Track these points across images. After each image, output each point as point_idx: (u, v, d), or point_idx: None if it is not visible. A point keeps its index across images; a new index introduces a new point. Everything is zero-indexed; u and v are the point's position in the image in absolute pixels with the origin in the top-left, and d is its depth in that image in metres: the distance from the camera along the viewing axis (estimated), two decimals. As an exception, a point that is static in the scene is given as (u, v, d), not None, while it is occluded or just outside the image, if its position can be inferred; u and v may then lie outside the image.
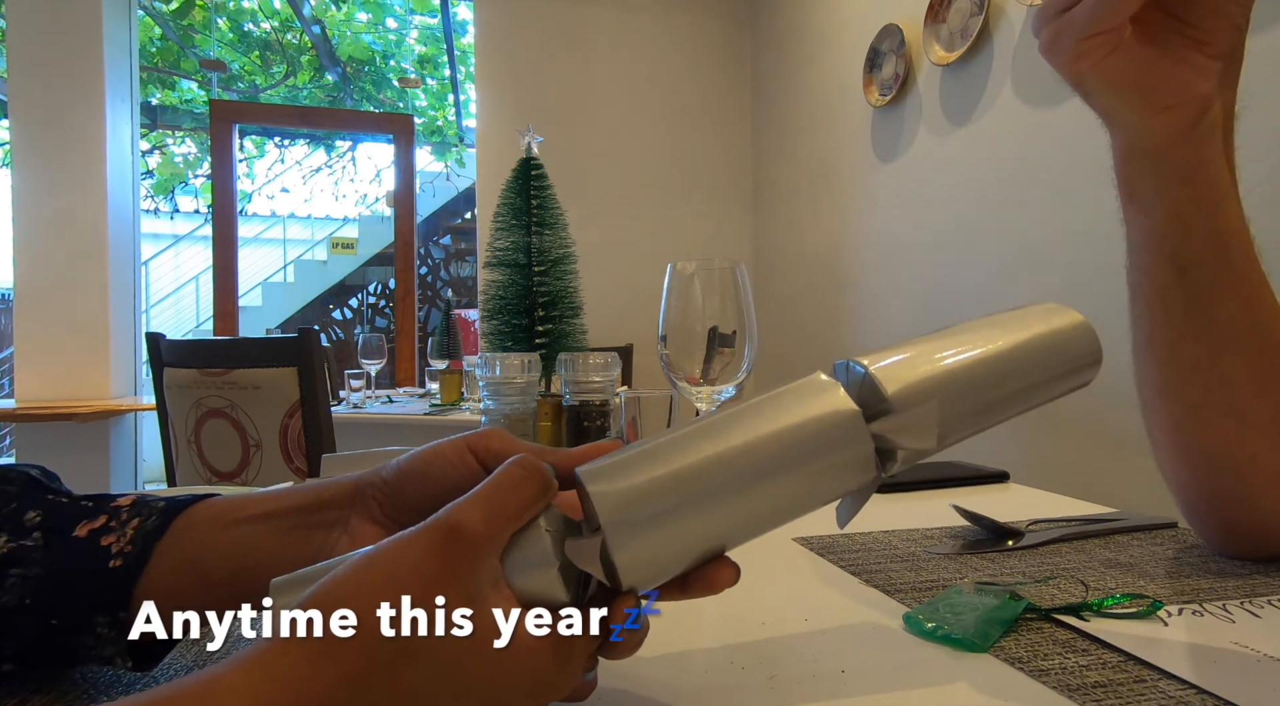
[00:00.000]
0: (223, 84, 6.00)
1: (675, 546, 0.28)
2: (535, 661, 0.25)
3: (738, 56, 3.22)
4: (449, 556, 0.25)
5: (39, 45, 2.70)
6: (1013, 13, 1.70)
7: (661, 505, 0.27)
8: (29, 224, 2.71)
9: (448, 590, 0.24)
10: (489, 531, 0.26)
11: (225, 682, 0.21)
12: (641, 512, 0.27)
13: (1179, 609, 0.41)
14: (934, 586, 0.46)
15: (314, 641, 0.22)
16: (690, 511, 0.27)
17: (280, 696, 0.21)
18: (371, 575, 0.24)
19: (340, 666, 0.22)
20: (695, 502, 0.27)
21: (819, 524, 0.62)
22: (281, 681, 0.22)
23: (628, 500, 0.27)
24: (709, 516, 0.28)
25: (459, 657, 0.24)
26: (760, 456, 0.28)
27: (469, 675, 0.24)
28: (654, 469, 0.27)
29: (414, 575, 0.24)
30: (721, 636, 0.40)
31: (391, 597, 0.23)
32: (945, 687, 0.33)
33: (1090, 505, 0.68)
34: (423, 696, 0.24)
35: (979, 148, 1.84)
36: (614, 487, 0.27)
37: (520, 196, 0.97)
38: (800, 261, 2.83)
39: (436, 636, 0.23)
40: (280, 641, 0.22)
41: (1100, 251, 1.46)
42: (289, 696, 0.22)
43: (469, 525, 0.25)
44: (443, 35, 6.51)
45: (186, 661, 0.36)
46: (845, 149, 2.46)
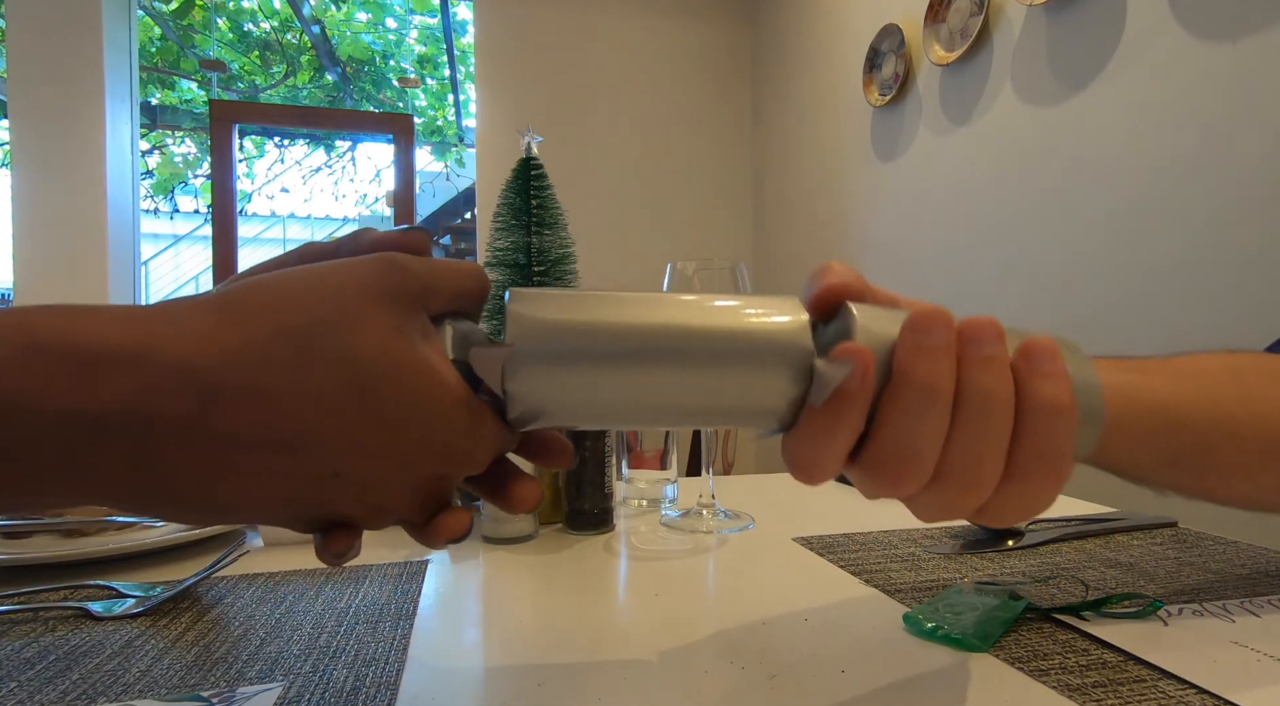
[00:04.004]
0: (223, 84, 5.99)
1: (572, 395, 0.26)
2: (448, 411, 0.25)
3: (738, 56, 3.21)
4: (390, 282, 0.25)
5: (39, 45, 2.69)
6: (1013, 13, 1.70)
7: (573, 348, 0.26)
8: (29, 224, 2.71)
9: (385, 310, 0.24)
10: (428, 278, 0.26)
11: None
12: (551, 347, 0.26)
13: (1179, 609, 0.41)
14: (934, 586, 0.46)
15: (249, 312, 0.23)
16: (598, 366, 0.26)
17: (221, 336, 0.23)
18: (318, 274, 0.25)
19: (260, 329, 0.23)
20: (606, 359, 0.26)
21: (819, 524, 0.62)
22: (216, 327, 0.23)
23: (542, 330, 0.26)
24: (614, 379, 0.26)
25: (381, 371, 0.24)
26: (692, 337, 0.26)
27: (381, 387, 0.24)
28: (583, 313, 0.26)
29: (359, 283, 0.24)
30: (721, 636, 0.40)
31: (336, 299, 0.24)
32: (945, 687, 0.33)
33: (1090, 505, 0.68)
34: (330, 395, 0.23)
35: (979, 147, 1.84)
36: (534, 313, 0.26)
37: (520, 196, 0.97)
38: (800, 261, 2.83)
39: (371, 344, 0.24)
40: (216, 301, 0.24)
41: (1100, 251, 1.46)
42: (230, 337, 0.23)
43: (411, 263, 0.26)
44: (443, 35, 6.51)
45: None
46: (845, 149, 2.46)
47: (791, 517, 0.65)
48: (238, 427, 0.22)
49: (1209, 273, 1.24)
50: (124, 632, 0.40)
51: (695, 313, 0.27)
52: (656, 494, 0.70)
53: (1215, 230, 1.24)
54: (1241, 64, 1.19)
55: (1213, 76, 1.23)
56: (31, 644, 0.38)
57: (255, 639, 0.39)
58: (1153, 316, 1.34)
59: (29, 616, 0.42)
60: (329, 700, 0.32)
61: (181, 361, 0.22)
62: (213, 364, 0.22)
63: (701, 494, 0.64)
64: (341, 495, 0.25)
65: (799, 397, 0.27)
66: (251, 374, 0.22)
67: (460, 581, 0.50)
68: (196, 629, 0.40)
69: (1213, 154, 1.23)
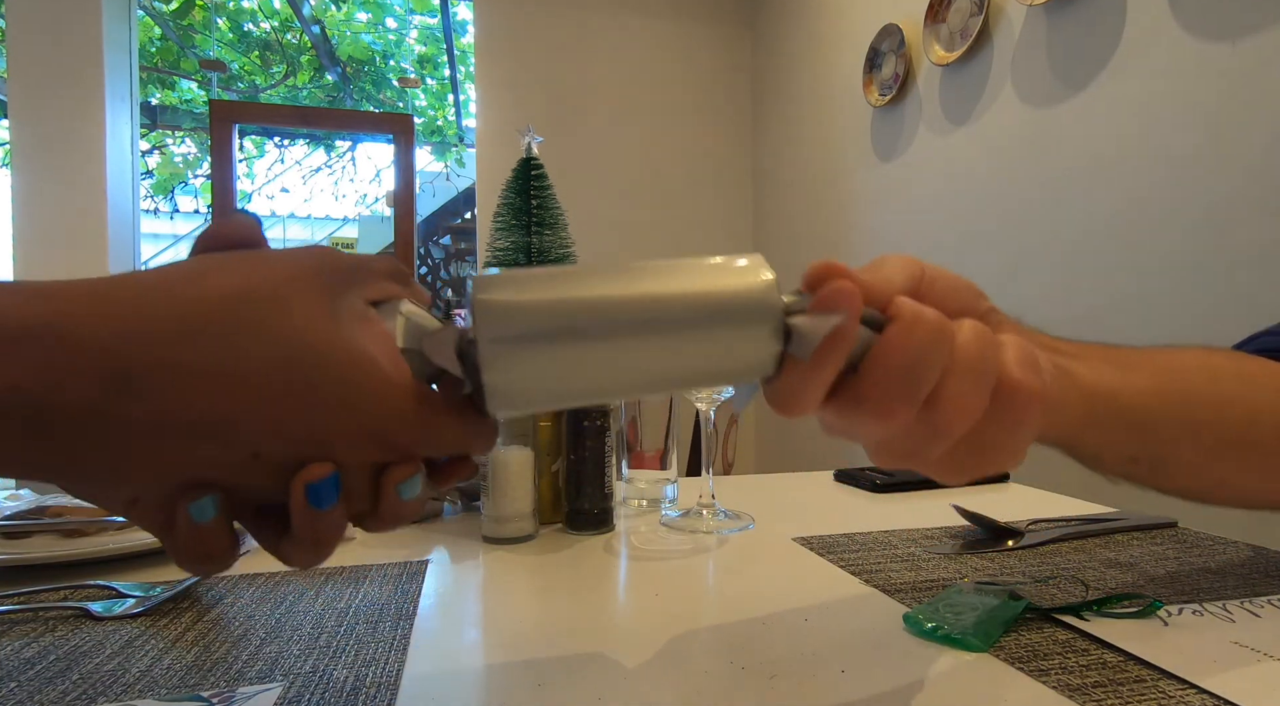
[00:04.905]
0: (223, 84, 5.99)
1: (547, 376, 0.26)
2: (382, 396, 0.24)
3: (737, 56, 3.21)
4: (322, 265, 0.25)
5: (39, 45, 2.69)
6: (1013, 13, 1.70)
7: (544, 327, 0.25)
8: (29, 224, 2.71)
9: (317, 291, 0.24)
10: (359, 261, 0.26)
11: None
12: (520, 330, 0.25)
13: (1179, 609, 0.41)
14: (934, 586, 0.46)
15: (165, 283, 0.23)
16: (567, 344, 0.25)
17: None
18: (247, 256, 0.24)
19: (184, 306, 0.22)
20: (576, 335, 0.25)
21: (819, 524, 0.62)
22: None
23: (508, 313, 0.25)
24: (585, 355, 0.26)
25: (310, 352, 0.23)
26: (664, 305, 0.26)
27: (309, 368, 0.23)
28: (549, 291, 0.26)
29: (291, 265, 0.24)
30: (721, 636, 0.40)
31: (263, 276, 0.23)
32: (945, 687, 0.33)
33: (1090, 505, 0.68)
34: (255, 373, 0.22)
35: (979, 147, 1.84)
36: (499, 298, 0.25)
37: (520, 196, 0.97)
38: (800, 261, 2.82)
39: (300, 325, 0.23)
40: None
41: (1100, 251, 1.46)
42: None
43: (340, 254, 0.26)
44: (443, 35, 6.50)
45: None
46: (845, 149, 2.46)
47: (791, 517, 0.65)
48: (152, 411, 0.21)
49: (1208, 272, 1.24)
50: (124, 632, 0.40)
51: (665, 280, 0.26)
52: (656, 494, 0.70)
53: (1214, 229, 1.24)
54: (1241, 64, 1.19)
55: (1213, 76, 1.23)
56: (31, 644, 0.38)
57: (255, 639, 0.39)
58: (1152, 315, 1.34)
59: (29, 616, 0.42)
60: (329, 700, 0.32)
61: (92, 340, 0.21)
62: (127, 342, 0.21)
63: (701, 494, 0.64)
64: (260, 478, 0.24)
65: (780, 352, 0.27)
66: (172, 350, 0.21)
67: (460, 581, 0.50)
68: (196, 629, 0.40)
69: (1212, 154, 1.23)
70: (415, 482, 0.25)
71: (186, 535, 0.23)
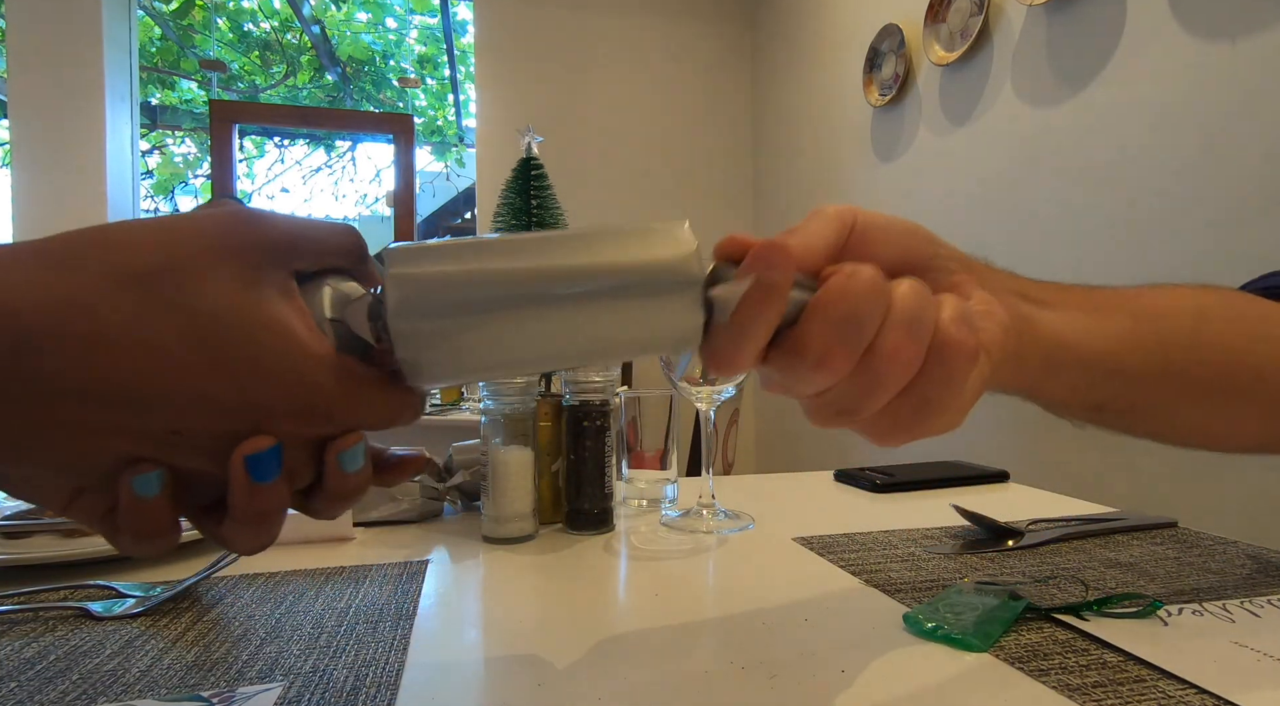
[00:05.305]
0: (223, 84, 5.99)
1: (463, 348, 0.25)
2: (303, 369, 0.24)
3: (737, 56, 3.21)
4: (242, 233, 0.24)
5: (39, 45, 2.69)
6: (1013, 13, 1.70)
7: (454, 300, 0.25)
8: (29, 224, 2.71)
9: (235, 261, 0.23)
10: (289, 232, 0.25)
11: None
12: (434, 302, 0.25)
13: (1179, 609, 0.41)
14: (934, 586, 0.46)
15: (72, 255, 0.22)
16: (486, 316, 0.25)
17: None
18: (162, 222, 0.24)
19: (93, 274, 0.22)
20: (494, 308, 0.25)
21: (819, 524, 0.62)
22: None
23: (421, 285, 0.25)
24: (502, 326, 0.25)
25: (227, 324, 0.23)
26: (579, 276, 0.26)
27: (226, 341, 0.23)
28: (461, 262, 0.25)
29: (208, 232, 0.23)
30: (721, 636, 0.40)
31: (174, 246, 0.23)
32: (945, 687, 0.33)
33: (1090, 505, 0.68)
34: (169, 346, 0.22)
35: (979, 147, 1.84)
36: (412, 270, 0.25)
37: (520, 196, 0.97)
38: (800, 261, 2.83)
39: (216, 295, 0.23)
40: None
41: (1100, 251, 1.46)
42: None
43: (270, 217, 0.25)
44: (443, 35, 6.50)
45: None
46: (845, 149, 2.46)
47: (791, 517, 0.65)
48: (56, 375, 0.21)
49: (1208, 271, 1.24)
50: (124, 632, 0.40)
51: (584, 251, 0.26)
52: (656, 494, 0.70)
53: (1214, 229, 1.24)
54: (1241, 64, 1.19)
55: (1213, 76, 1.23)
56: (31, 644, 0.38)
57: (255, 639, 0.39)
58: (1153, 316, 1.34)
59: (29, 616, 0.42)
60: (329, 700, 0.32)
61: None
62: (28, 309, 0.21)
63: (701, 494, 0.64)
64: (195, 454, 0.23)
65: (703, 323, 0.26)
66: (79, 320, 0.21)
67: (460, 581, 0.50)
68: (196, 629, 0.40)
69: (1212, 153, 1.23)
70: (357, 453, 0.25)
71: (129, 511, 0.23)
